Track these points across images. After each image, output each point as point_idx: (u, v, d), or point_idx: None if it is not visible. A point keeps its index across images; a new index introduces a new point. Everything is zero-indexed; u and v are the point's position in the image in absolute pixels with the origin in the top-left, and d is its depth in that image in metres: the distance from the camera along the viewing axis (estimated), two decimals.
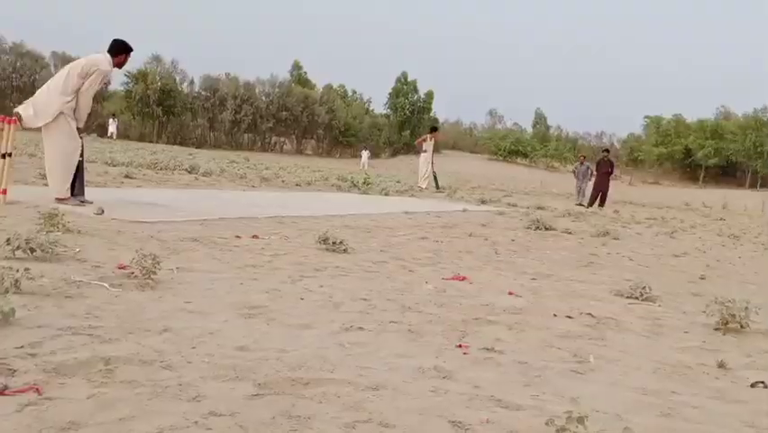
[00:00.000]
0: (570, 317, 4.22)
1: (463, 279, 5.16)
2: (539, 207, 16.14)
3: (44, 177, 9.58)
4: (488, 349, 3.23)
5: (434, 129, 22.56)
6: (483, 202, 16.48)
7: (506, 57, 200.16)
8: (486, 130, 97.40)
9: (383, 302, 4.07)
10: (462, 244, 7.40)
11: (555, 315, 4.22)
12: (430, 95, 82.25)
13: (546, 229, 9.93)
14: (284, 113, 68.22)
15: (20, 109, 7.20)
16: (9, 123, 6.92)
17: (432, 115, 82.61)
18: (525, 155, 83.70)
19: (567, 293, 5.06)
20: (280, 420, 2.17)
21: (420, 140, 22.49)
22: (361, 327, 3.40)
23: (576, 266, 6.63)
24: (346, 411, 2.30)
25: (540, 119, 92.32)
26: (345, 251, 5.87)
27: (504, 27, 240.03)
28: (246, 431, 2.07)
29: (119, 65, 7.51)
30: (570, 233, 10.03)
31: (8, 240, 4.16)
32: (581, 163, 24.41)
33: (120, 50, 7.42)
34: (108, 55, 7.35)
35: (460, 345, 3.25)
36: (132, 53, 7.58)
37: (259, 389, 2.40)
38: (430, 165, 21.09)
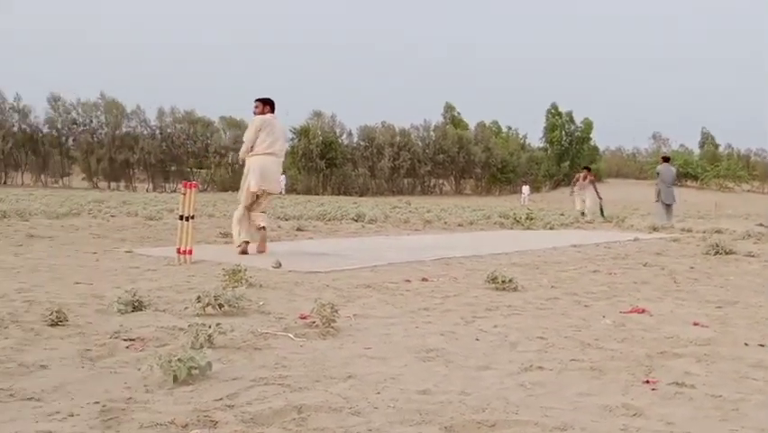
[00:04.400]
0: (762, 345, 3.95)
1: (642, 311, 4.97)
2: (716, 231, 15.28)
3: (224, 235, 10.23)
4: (677, 384, 3.09)
5: (586, 168, 22.21)
6: (655, 229, 15.82)
7: (665, 77, 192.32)
8: (650, 154, 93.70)
9: (560, 340, 3.99)
10: (637, 275, 7.13)
11: (747, 344, 3.97)
12: (588, 124, 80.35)
13: (727, 253, 9.38)
14: (441, 155, 69.03)
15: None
16: (190, 187, 7.46)
17: (591, 144, 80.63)
18: (694, 177, 79.73)
19: (757, 320, 4.75)
20: None
21: (574, 181, 22.30)
22: (540, 367, 3.35)
23: (764, 291, 6.21)
24: None
25: (707, 138, 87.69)
26: (515, 289, 5.82)
27: (660, 46, 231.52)
28: None
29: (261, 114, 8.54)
30: (753, 256, 9.41)
31: (198, 297, 4.48)
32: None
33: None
34: None
35: (647, 381, 3.12)
36: (258, 103, 8.53)
37: (446, 432, 2.42)
38: (595, 195, 20.65)
